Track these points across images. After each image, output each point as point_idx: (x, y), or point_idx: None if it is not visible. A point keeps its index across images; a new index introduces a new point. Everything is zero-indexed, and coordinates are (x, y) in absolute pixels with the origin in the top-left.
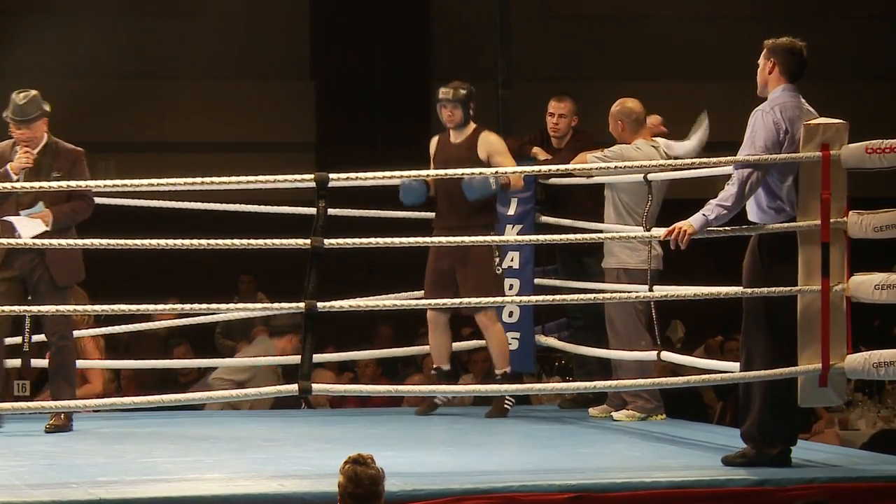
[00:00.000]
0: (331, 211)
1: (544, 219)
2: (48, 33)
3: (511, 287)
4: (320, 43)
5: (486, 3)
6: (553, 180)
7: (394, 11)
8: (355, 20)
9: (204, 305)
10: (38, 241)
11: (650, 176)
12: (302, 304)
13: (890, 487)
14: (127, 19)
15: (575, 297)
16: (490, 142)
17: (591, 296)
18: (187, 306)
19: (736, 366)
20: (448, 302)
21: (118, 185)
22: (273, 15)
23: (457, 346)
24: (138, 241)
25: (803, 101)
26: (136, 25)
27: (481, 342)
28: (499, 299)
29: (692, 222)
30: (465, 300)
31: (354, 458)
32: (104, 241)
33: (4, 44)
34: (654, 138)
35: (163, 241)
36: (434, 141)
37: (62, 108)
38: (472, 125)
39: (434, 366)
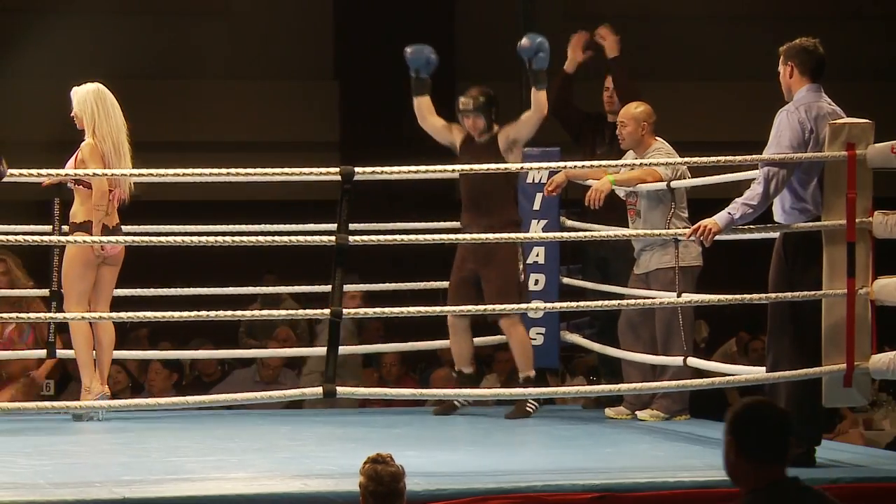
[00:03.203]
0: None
1: (570, 223)
2: (70, 33)
3: (537, 282)
4: (344, 43)
5: (509, 2)
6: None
7: (417, 11)
8: (379, 20)
9: (229, 312)
10: (53, 238)
11: (673, 184)
12: (327, 311)
13: None
14: (150, 19)
15: (599, 303)
16: (506, 131)
17: (616, 302)
18: (212, 314)
19: (760, 368)
20: (472, 308)
21: (144, 175)
22: (296, 15)
23: (480, 341)
24: (163, 238)
25: (828, 100)
26: (160, 25)
27: (504, 337)
28: (523, 306)
29: (717, 220)
30: (489, 306)
31: (373, 457)
32: (128, 238)
33: (24, 42)
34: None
35: (186, 237)
36: (460, 133)
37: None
38: (496, 126)
39: (456, 368)
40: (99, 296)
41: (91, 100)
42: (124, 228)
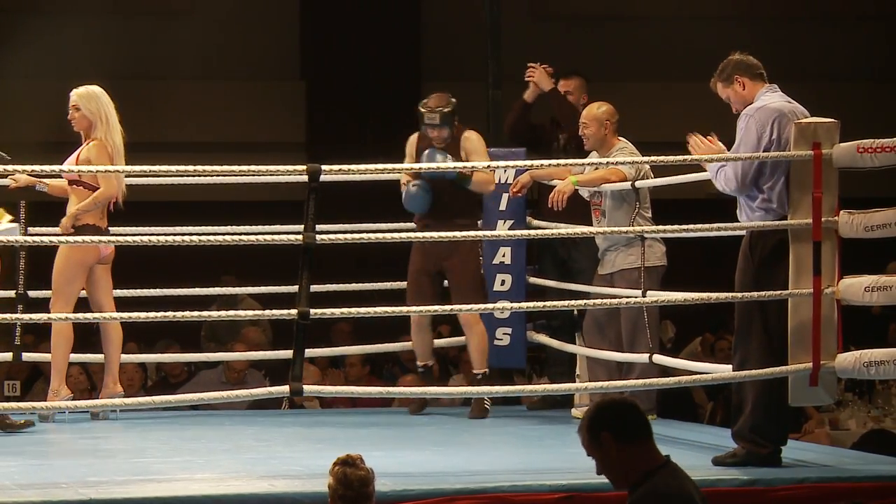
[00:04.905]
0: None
1: (536, 223)
2: (39, 34)
3: (503, 283)
4: (310, 43)
5: (475, 3)
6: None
7: (384, 12)
8: (345, 20)
9: (195, 313)
10: (28, 238)
11: (637, 183)
12: (294, 311)
13: (880, 487)
14: (117, 20)
15: (565, 303)
16: (471, 139)
17: (582, 302)
18: (178, 314)
19: (726, 366)
20: (440, 308)
21: (110, 171)
22: (263, 15)
23: (446, 342)
24: (128, 237)
25: (787, 98)
26: (126, 26)
27: None
28: (490, 306)
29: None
30: (456, 306)
31: (343, 459)
32: (95, 238)
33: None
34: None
35: (150, 237)
36: (414, 139)
37: (54, 109)
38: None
39: (420, 363)
40: (103, 296)
41: (104, 101)
42: None
